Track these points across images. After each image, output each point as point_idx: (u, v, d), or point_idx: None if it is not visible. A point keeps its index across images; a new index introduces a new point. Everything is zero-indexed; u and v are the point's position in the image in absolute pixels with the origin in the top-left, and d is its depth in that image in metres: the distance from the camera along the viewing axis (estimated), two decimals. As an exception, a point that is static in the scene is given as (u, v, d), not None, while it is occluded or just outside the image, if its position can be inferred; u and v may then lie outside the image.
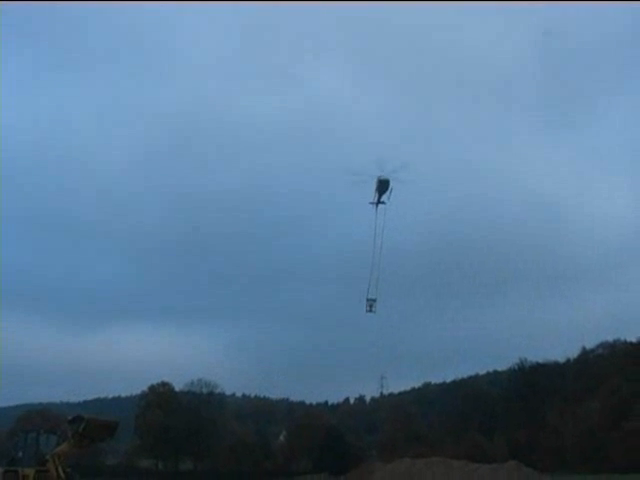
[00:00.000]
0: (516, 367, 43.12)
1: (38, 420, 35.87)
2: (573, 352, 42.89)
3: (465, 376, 55.08)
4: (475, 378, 54.86)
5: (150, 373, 60.67)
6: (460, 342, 56.51)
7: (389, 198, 20.65)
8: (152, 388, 43.39)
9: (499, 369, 50.67)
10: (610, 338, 41.52)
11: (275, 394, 65.40)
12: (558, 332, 49.88)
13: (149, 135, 73.83)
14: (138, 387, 45.35)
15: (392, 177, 20.43)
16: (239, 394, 65.24)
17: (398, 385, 61.54)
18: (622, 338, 40.68)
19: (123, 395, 60.53)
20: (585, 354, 42.58)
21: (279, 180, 67.21)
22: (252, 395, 67.77)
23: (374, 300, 20.54)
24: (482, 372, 56.36)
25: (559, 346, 47.93)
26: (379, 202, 20.86)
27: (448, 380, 58.23)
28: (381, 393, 60.43)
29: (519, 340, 50.72)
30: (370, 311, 20.62)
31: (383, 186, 20.56)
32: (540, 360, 42.02)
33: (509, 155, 67.31)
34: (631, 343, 39.03)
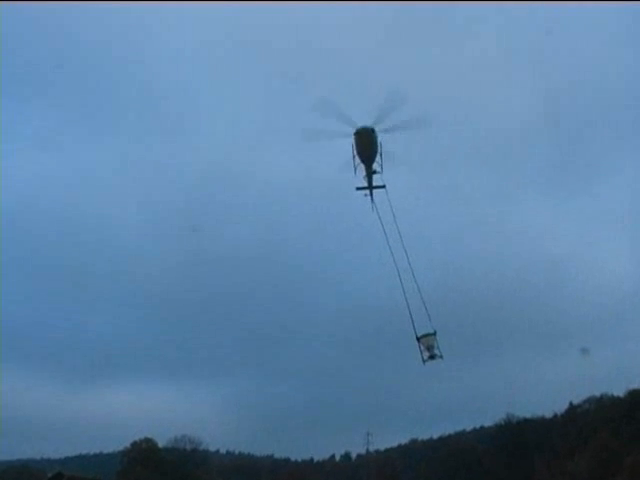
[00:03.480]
0: (503, 422, 42.86)
1: (17, 478, 35.09)
2: (560, 407, 42.68)
3: (452, 432, 54.60)
4: (462, 434, 54.37)
5: (133, 429, 59.59)
6: (447, 398, 56.13)
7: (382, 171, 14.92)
8: (135, 444, 42.66)
9: (486, 425, 50.28)
10: (597, 393, 41.42)
11: (260, 451, 64.48)
12: (545, 387, 49.68)
13: (162, 192, 74.19)
14: (121, 443, 44.56)
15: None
16: (223, 450, 64.28)
17: (384, 441, 60.65)
18: (609, 393, 40.58)
19: (105, 452, 59.40)
20: (572, 409, 42.40)
21: (285, 238, 67.47)
22: (236, 452, 66.74)
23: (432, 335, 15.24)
24: (469, 428, 55.93)
25: (546, 401, 47.67)
26: (371, 187, 15.12)
27: (435, 436, 57.68)
28: (367, 449, 59.63)
29: (506, 395, 50.46)
30: (431, 358, 15.37)
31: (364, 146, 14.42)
32: (527, 415, 41.81)
33: (514, 214, 67.98)
34: (618, 398, 38.92)
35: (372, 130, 14.21)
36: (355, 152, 14.55)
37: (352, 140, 14.36)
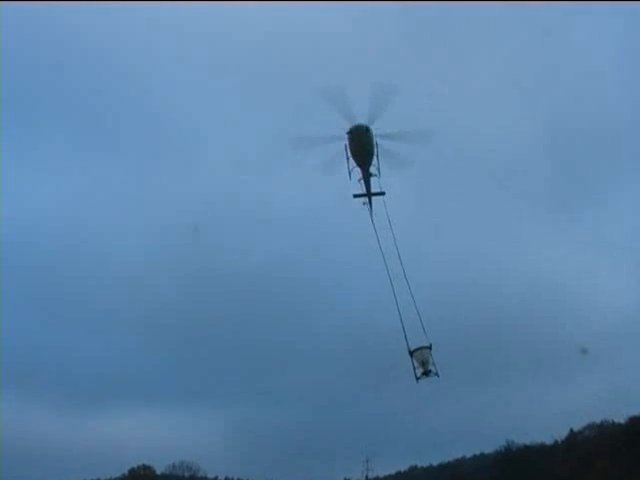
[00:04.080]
0: (503, 449, 42.59)
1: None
2: (561, 434, 42.44)
3: (452, 459, 54.19)
4: (462, 461, 53.98)
5: (131, 455, 59.24)
6: (447, 424, 55.77)
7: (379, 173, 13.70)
8: (132, 471, 42.42)
9: (486, 452, 49.95)
10: (598, 419, 41.22)
11: (258, 477, 63.93)
12: (545, 414, 49.43)
13: (166, 216, 74.24)
14: (118, 470, 44.23)
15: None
16: (222, 477, 63.77)
17: (384, 468, 60.14)
18: (610, 419, 40.39)
19: (103, 478, 58.90)
20: (573, 436, 42.16)
21: (287, 264, 67.39)
22: (235, 478, 66.21)
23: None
24: (469, 455, 55.48)
25: (547, 428, 47.40)
26: (370, 194, 13.86)
27: (435, 463, 57.19)
28: (366, 477, 59.13)
29: (506, 422, 50.14)
30: (425, 374, 14.20)
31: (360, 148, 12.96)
32: (527, 442, 41.55)
33: (513, 238, 67.96)
34: (619, 424, 38.73)
35: (367, 129, 12.94)
36: (349, 154, 13.27)
37: (345, 140, 13.09)
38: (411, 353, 14.03)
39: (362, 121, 12.98)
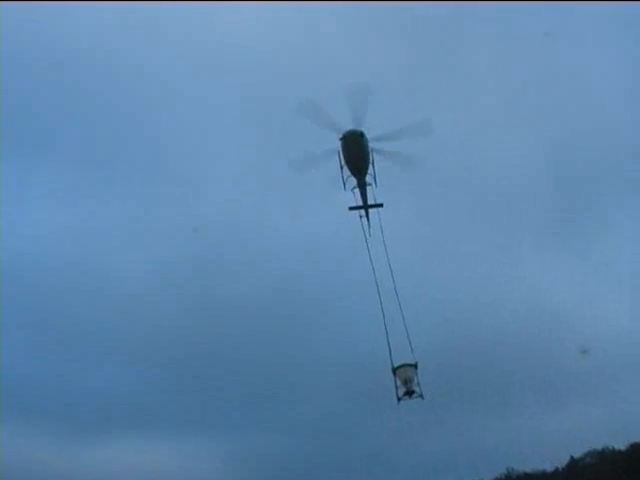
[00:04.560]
0: (503, 477, 42.25)
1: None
2: (561, 461, 42.07)
3: (451, 486, 53.55)
4: (461, 489, 53.39)
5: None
6: (445, 451, 55.16)
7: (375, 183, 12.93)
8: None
9: (486, 479, 49.45)
10: (598, 446, 40.88)
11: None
12: (546, 441, 48.98)
13: (169, 247, 73.91)
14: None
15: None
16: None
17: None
18: (610, 446, 40.06)
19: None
20: (574, 463, 41.79)
21: (288, 293, 66.97)
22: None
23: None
24: (469, 482, 54.90)
25: (547, 455, 46.96)
26: (367, 207, 13.27)
27: (433, 491, 56.53)
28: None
29: (506, 449, 49.64)
30: (408, 394, 13.15)
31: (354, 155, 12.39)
32: (528, 470, 41.21)
33: (513, 266, 67.54)
34: (620, 451, 38.43)
35: (361, 134, 12.33)
36: (343, 161, 12.65)
37: (338, 147, 12.45)
38: (394, 370, 13.20)
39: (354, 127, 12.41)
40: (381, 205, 13.47)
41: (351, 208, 13.51)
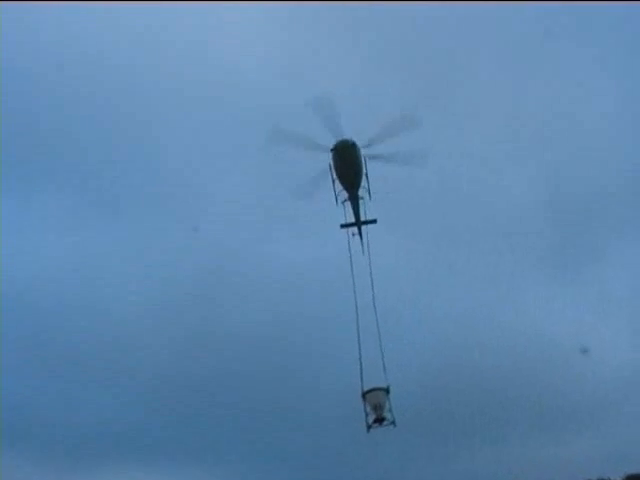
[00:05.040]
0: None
1: None
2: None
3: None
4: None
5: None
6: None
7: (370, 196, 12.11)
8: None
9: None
10: (594, 477, 40.42)
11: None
12: (541, 471, 48.41)
13: (169, 275, 72.79)
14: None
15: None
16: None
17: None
18: (606, 476, 39.65)
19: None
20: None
21: (289, 322, 65.96)
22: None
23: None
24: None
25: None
26: (359, 223, 12.44)
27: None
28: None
29: (501, 478, 49.03)
30: (378, 421, 12.04)
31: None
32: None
33: (512, 297, 66.77)
34: (615, 482, 38.04)
35: (353, 144, 11.45)
36: (334, 174, 11.78)
37: (330, 159, 11.54)
38: (363, 395, 11.95)
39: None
40: (375, 221, 12.71)
41: (343, 225, 12.65)
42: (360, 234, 12.66)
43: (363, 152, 11.65)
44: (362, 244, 12.63)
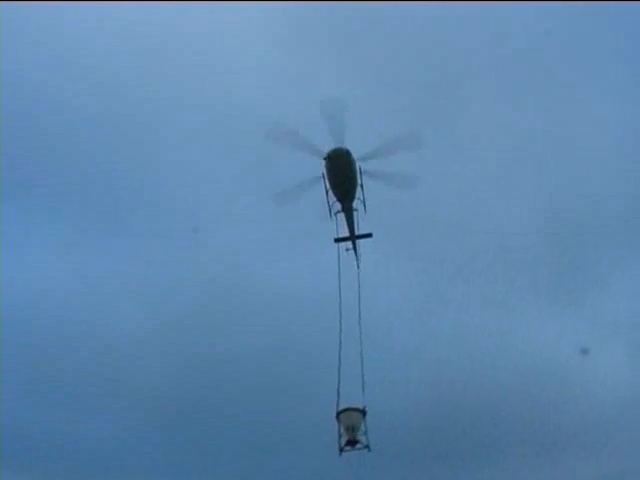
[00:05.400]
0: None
1: None
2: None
3: None
4: None
5: None
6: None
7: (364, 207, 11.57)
8: None
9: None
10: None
11: None
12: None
13: (168, 298, 72.38)
14: None
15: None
16: None
17: None
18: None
19: None
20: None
21: (290, 347, 65.54)
22: None
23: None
24: None
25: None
26: (354, 238, 11.88)
27: None
28: None
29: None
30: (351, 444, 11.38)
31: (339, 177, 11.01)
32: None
33: (512, 322, 66.39)
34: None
35: (347, 152, 10.65)
36: (328, 185, 11.02)
37: (322, 169, 10.80)
38: (337, 415, 11.03)
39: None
40: (370, 235, 12.05)
41: (337, 240, 11.89)
42: (355, 249, 12.01)
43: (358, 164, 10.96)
44: (357, 259, 12.02)
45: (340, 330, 11.33)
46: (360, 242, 12.10)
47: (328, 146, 10.62)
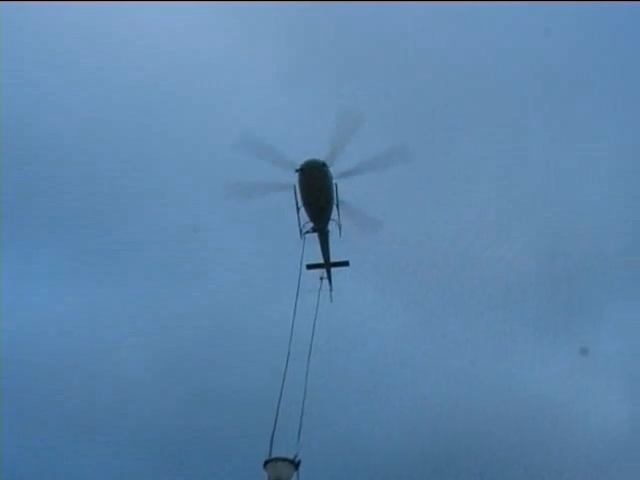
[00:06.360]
0: None
1: None
2: None
3: None
4: None
5: None
6: None
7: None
8: None
9: None
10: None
11: None
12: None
13: (168, 333, 72.92)
14: None
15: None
16: None
17: None
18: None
19: None
20: None
21: (290, 382, 66.25)
22: None
23: None
24: None
25: None
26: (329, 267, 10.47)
27: None
28: None
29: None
30: None
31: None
32: None
33: (509, 359, 66.40)
34: None
35: (323, 164, 9.09)
36: (300, 202, 9.41)
37: (295, 184, 9.25)
38: (265, 464, 8.96)
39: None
40: (347, 263, 10.44)
41: (309, 267, 10.14)
42: (329, 278, 10.41)
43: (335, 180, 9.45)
44: (330, 290, 10.43)
45: (286, 368, 9.12)
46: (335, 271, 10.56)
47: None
